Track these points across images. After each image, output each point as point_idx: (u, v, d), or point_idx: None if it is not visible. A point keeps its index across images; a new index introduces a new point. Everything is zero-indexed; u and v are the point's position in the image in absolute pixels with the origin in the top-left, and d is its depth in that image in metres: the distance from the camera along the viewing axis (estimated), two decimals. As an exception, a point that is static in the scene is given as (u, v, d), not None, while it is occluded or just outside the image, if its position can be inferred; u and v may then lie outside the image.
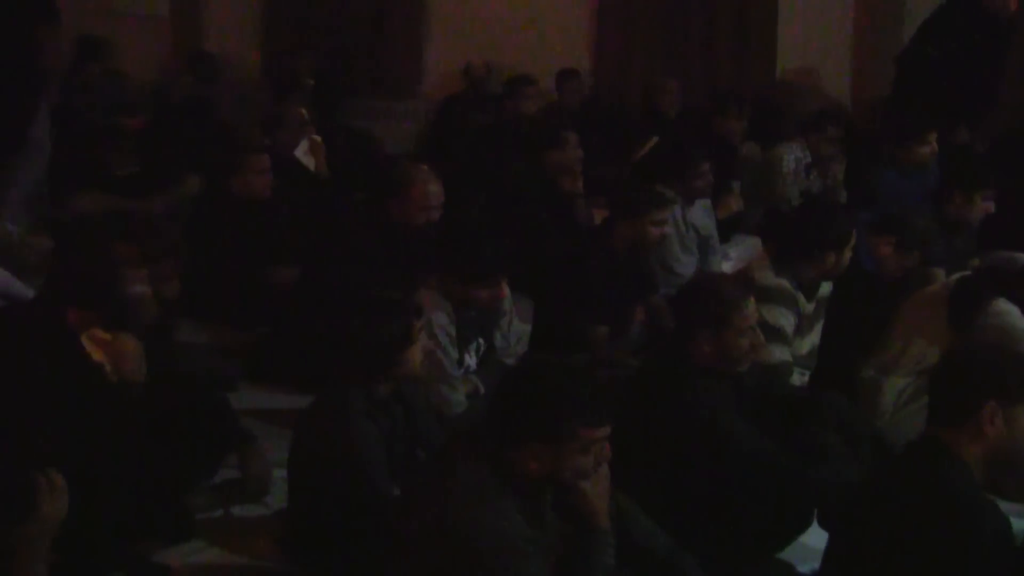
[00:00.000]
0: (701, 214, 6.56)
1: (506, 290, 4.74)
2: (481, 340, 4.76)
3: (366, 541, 3.47)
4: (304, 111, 7.56)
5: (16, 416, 3.46)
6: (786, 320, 4.66)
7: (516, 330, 5.03)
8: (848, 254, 4.82)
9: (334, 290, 4.91)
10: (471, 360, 4.71)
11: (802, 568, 3.86)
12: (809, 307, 4.84)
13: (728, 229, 7.22)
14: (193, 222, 6.02)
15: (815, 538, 3.74)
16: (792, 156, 7.63)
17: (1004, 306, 4.56)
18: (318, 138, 7.54)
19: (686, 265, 6.38)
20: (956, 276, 4.95)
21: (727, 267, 6.62)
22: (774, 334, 4.51)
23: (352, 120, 9.56)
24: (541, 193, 6.81)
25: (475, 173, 7.47)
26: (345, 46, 10.27)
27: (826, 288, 4.97)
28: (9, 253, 5.62)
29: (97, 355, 3.86)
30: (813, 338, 4.94)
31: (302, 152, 7.38)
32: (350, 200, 6.90)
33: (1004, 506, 3.05)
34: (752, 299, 3.90)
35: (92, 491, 3.43)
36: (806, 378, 4.84)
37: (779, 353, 4.59)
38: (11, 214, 6.65)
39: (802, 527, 3.83)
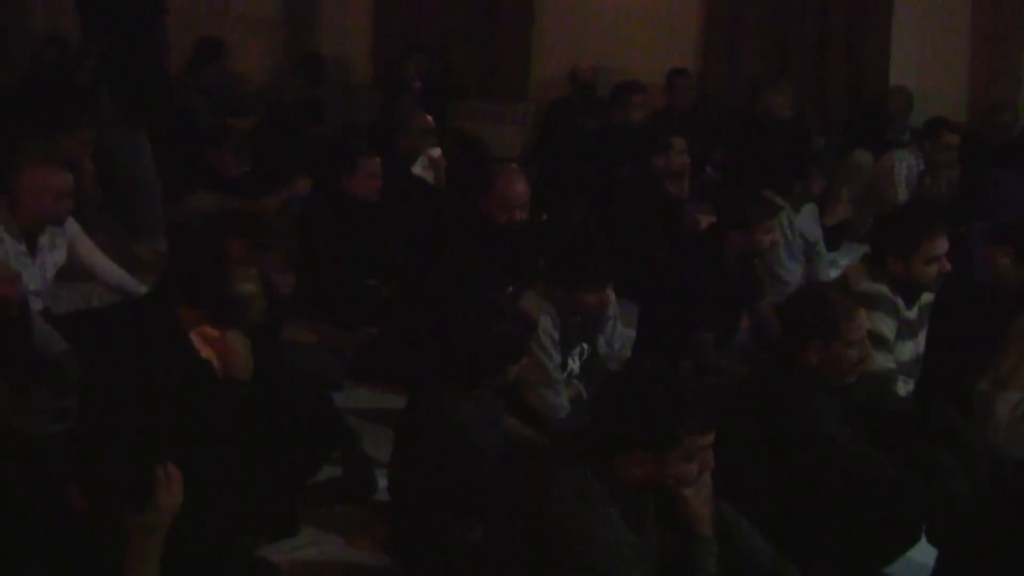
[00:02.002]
0: (809, 220, 6.48)
1: (611, 295, 4.73)
2: (585, 345, 4.74)
3: (468, 541, 3.49)
4: (431, 118, 7.51)
5: (131, 409, 3.53)
6: (887, 327, 4.58)
7: (620, 335, 4.99)
8: (921, 265, 4.65)
9: (437, 291, 4.95)
10: (574, 364, 4.70)
11: (909, 584, 3.80)
12: (910, 313, 4.74)
13: (837, 237, 7.11)
14: (302, 223, 6.10)
15: (924, 554, 3.68)
16: (904, 163, 7.49)
17: None
18: (438, 152, 7.50)
19: (793, 272, 6.30)
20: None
21: (835, 275, 6.52)
22: (875, 341, 4.42)
23: (460, 123, 9.60)
24: (647, 198, 6.78)
25: (581, 177, 7.46)
26: (454, 49, 10.31)
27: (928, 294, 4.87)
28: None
29: (206, 352, 3.93)
30: (917, 345, 4.84)
31: (420, 168, 7.33)
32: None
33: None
34: (863, 310, 3.84)
35: (198, 486, 3.48)
36: (910, 386, 4.74)
37: (882, 361, 4.50)
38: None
39: (910, 542, 3.76)
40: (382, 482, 4.14)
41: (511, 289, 4.71)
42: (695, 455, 2.97)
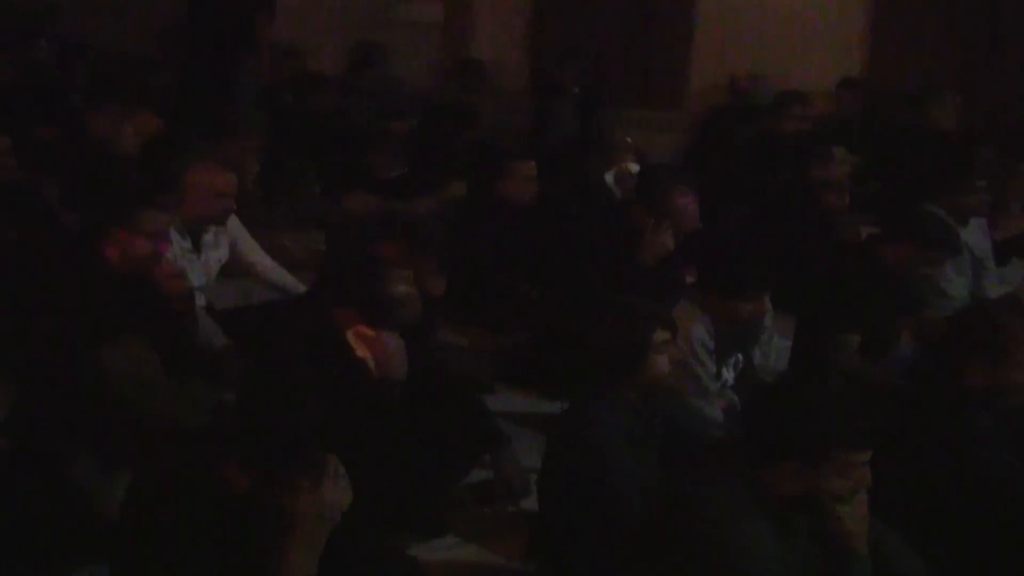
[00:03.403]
0: (977, 234, 6.32)
1: (767, 305, 4.66)
2: (740, 355, 4.69)
3: (612, 550, 3.46)
4: (628, 138, 7.49)
5: (288, 406, 3.58)
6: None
7: (776, 346, 4.94)
8: None
9: (583, 296, 4.95)
10: (729, 375, 4.65)
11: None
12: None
13: (1006, 252, 6.90)
14: (456, 226, 6.14)
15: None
16: (1081, 177, 7.24)
17: None
18: (631, 167, 7.28)
19: (958, 287, 6.13)
20: None
21: (1002, 291, 6.32)
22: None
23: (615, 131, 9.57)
24: (805, 208, 6.68)
25: (738, 187, 7.37)
26: (611, 55, 10.30)
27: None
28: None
29: (361, 351, 3.98)
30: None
31: (611, 179, 7.29)
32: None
33: None
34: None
35: (352, 483, 3.53)
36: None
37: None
38: None
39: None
40: (532, 486, 4.13)
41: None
42: (850, 471, 2.92)
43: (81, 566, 3.41)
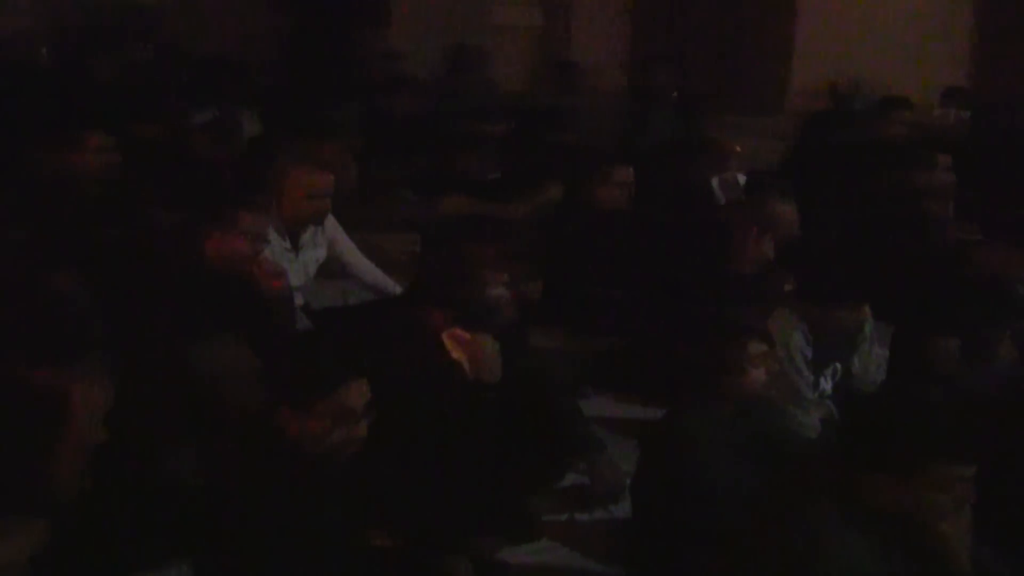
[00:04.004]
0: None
1: (867, 314, 4.60)
2: (838, 365, 4.63)
3: (706, 559, 3.43)
4: (737, 147, 7.48)
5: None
6: None
7: (876, 356, 4.85)
8: None
9: (680, 304, 4.92)
10: (827, 384, 4.60)
11: None
12: None
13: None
14: (552, 229, 6.13)
15: None
16: None
17: None
18: (738, 176, 7.28)
19: (1066, 297, 5.97)
20: None
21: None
22: None
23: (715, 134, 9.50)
24: (907, 216, 6.57)
25: (838, 192, 7.28)
26: (711, 59, 10.24)
27: None
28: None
29: (456, 354, 3.99)
30: None
31: (716, 185, 7.27)
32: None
33: None
34: None
35: (443, 484, 3.54)
36: None
37: None
38: None
39: None
40: (626, 492, 4.11)
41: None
42: (951, 486, 2.85)
43: (175, 558, 3.46)
